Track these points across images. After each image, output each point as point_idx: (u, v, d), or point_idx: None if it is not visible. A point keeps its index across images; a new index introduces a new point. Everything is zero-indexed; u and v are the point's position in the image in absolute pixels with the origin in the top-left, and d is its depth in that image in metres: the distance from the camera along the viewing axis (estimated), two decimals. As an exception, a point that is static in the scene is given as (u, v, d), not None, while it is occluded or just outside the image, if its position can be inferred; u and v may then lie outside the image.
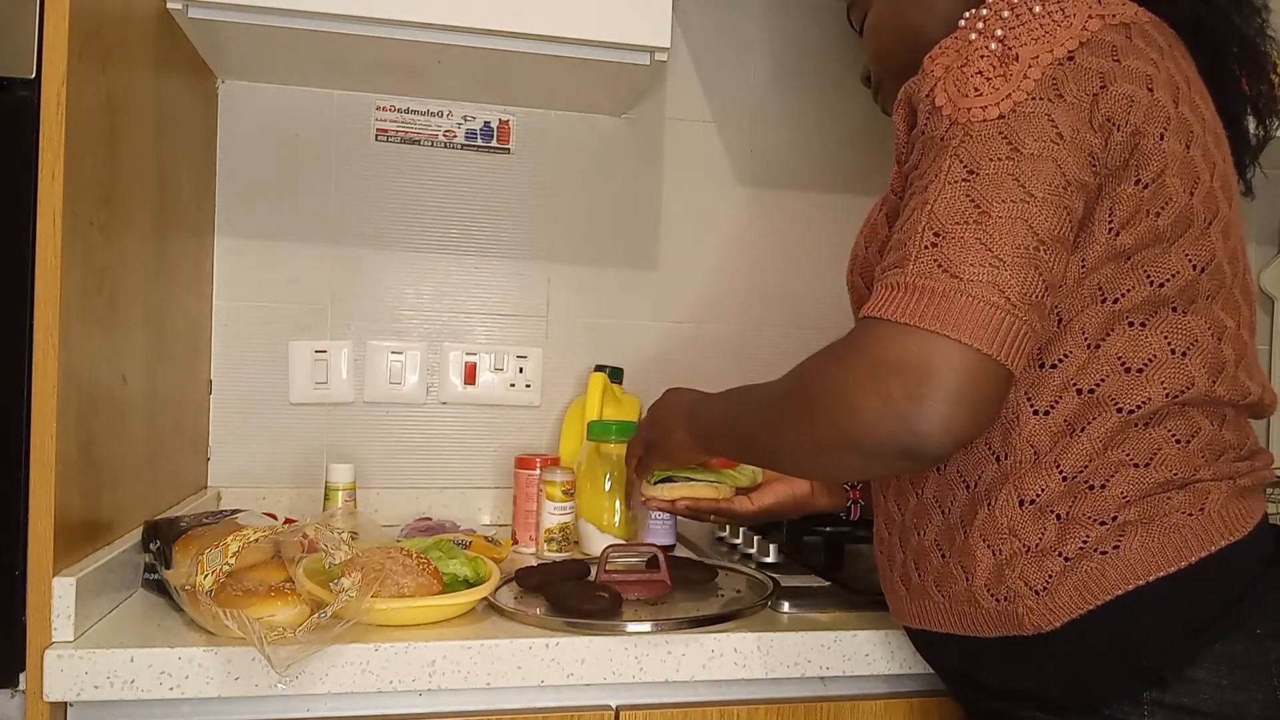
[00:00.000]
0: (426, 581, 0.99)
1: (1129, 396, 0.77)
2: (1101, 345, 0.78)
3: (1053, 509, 0.78)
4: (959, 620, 0.83)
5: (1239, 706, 0.75)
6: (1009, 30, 0.76)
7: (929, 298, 0.70)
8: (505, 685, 0.95)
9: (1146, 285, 0.77)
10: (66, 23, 0.88)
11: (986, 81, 0.74)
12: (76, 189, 0.91)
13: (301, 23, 1.19)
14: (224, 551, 0.95)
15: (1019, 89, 0.73)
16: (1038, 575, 0.77)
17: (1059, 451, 0.78)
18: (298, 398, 1.50)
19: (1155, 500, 0.77)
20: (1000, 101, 0.73)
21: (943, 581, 0.84)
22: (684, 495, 1.13)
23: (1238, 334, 0.81)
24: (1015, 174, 0.71)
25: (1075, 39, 0.74)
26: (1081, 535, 0.76)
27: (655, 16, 1.23)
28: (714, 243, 1.62)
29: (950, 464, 0.84)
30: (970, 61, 0.76)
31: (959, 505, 0.83)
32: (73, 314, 0.92)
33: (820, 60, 1.67)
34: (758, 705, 1.02)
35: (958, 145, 0.74)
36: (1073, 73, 0.73)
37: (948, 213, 0.72)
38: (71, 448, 0.92)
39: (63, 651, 0.88)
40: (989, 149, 0.72)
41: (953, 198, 0.72)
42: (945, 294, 0.70)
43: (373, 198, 1.53)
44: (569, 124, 1.59)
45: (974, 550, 0.80)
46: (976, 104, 0.74)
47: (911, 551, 0.88)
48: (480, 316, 1.57)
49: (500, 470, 1.56)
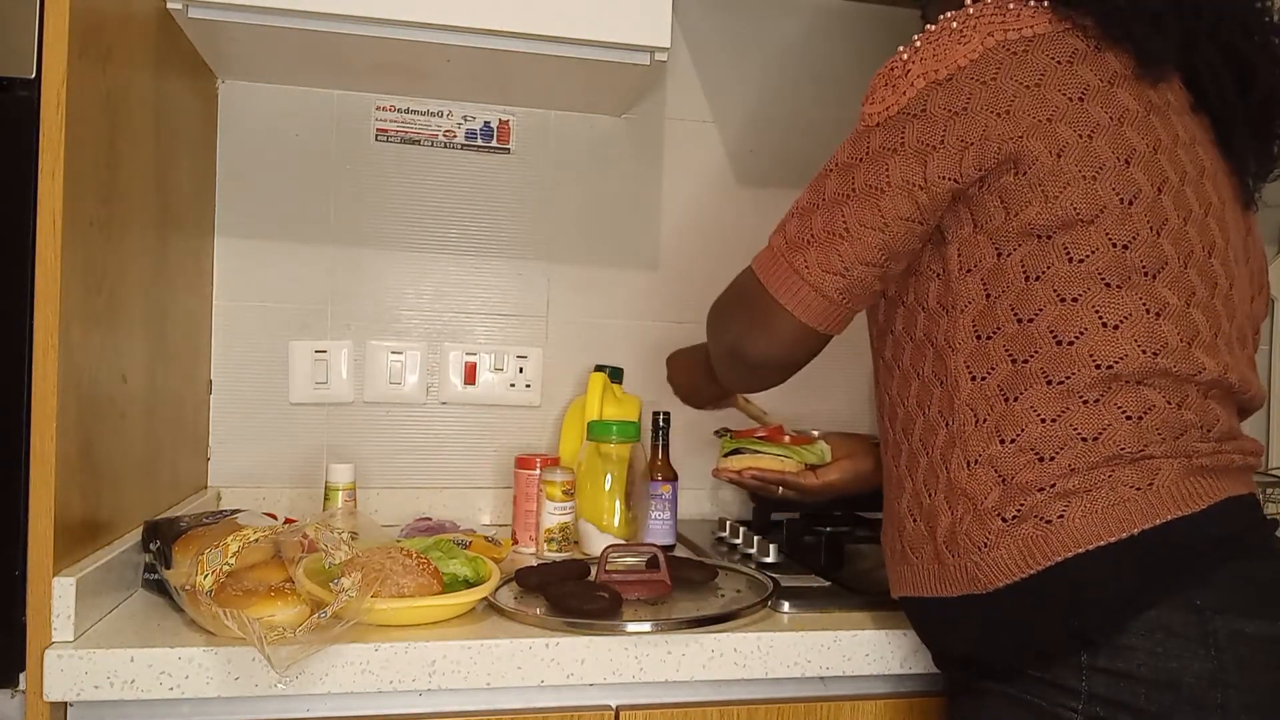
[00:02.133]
0: (426, 581, 0.99)
1: (1057, 368, 0.82)
2: (1034, 320, 0.83)
3: (997, 470, 0.84)
4: (929, 581, 0.89)
5: (1173, 674, 0.77)
6: (925, 44, 0.85)
7: (767, 253, 0.93)
8: (505, 685, 0.95)
9: (1066, 261, 0.82)
10: (66, 23, 0.88)
11: (884, 88, 0.87)
12: (76, 189, 0.91)
13: (301, 23, 1.19)
14: (224, 551, 0.95)
15: (897, 101, 0.85)
16: (980, 533, 0.84)
17: (997, 416, 0.84)
18: (298, 398, 1.50)
19: (1101, 472, 0.81)
20: (882, 110, 0.86)
21: (915, 544, 0.91)
22: (751, 467, 1.17)
23: (1185, 312, 0.83)
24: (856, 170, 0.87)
25: (966, 58, 0.83)
26: (1019, 500, 0.82)
27: (655, 16, 1.23)
28: (714, 243, 1.62)
29: (914, 434, 0.92)
30: (888, 69, 0.87)
31: (922, 471, 0.90)
32: (73, 314, 0.92)
33: (820, 60, 1.67)
34: (758, 705, 1.03)
35: (848, 141, 0.89)
36: (942, 94, 0.83)
37: (810, 194, 0.90)
38: (71, 448, 0.92)
39: (63, 651, 0.88)
40: (856, 147, 0.88)
41: (819, 183, 0.90)
42: (771, 253, 0.93)
43: (373, 198, 1.53)
44: (569, 124, 1.59)
45: (937, 511, 0.88)
46: (870, 110, 0.88)
47: (893, 519, 0.95)
48: (480, 316, 1.57)
49: (500, 470, 1.56)
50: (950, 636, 0.91)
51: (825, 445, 1.19)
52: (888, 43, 1.05)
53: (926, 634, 0.95)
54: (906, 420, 0.93)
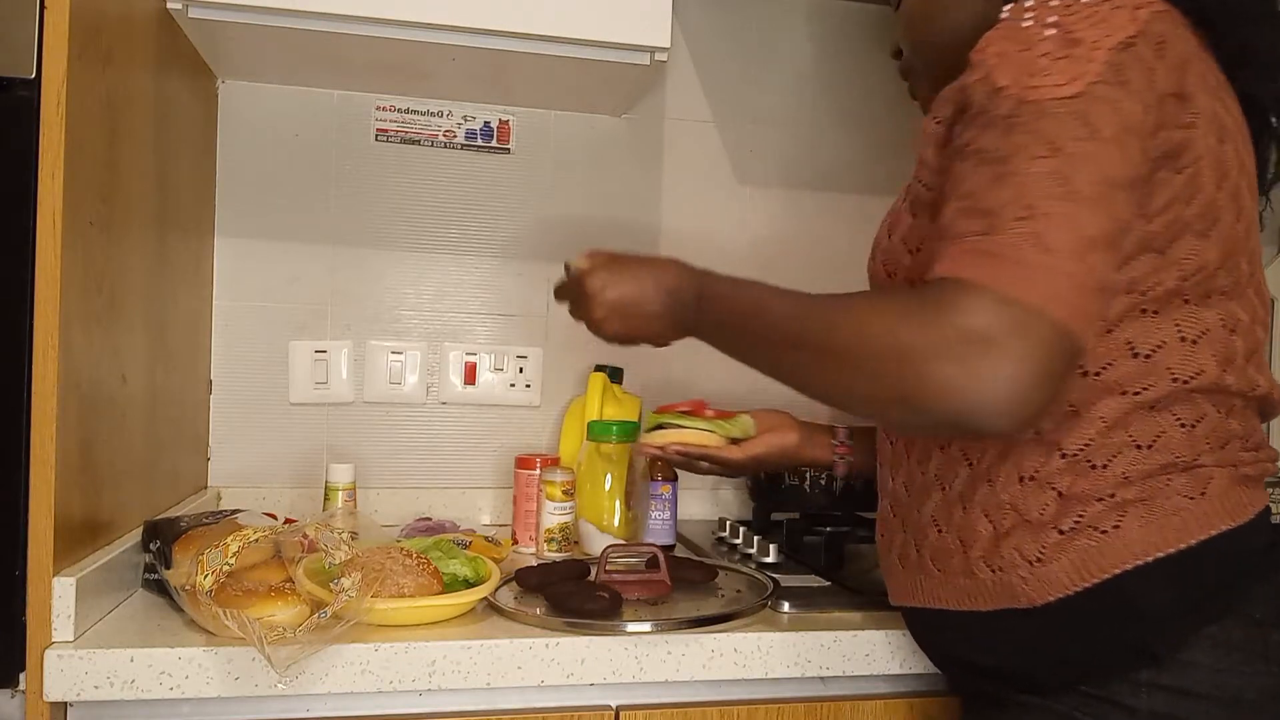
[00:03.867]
0: (426, 581, 0.99)
1: (1135, 381, 0.78)
2: (1112, 331, 0.78)
3: (1052, 484, 0.79)
4: (955, 594, 0.84)
5: (1235, 690, 0.75)
6: (1063, 17, 0.75)
7: (1025, 270, 0.67)
8: (505, 685, 0.95)
9: (1175, 278, 0.77)
10: (66, 23, 0.88)
11: (1054, 63, 0.73)
12: (76, 189, 0.91)
13: (302, 23, 1.19)
14: (224, 551, 0.95)
15: (1087, 70, 0.72)
16: (1032, 547, 0.78)
17: (1062, 432, 0.79)
18: (298, 398, 1.50)
19: (1156, 481, 0.77)
20: (1070, 82, 0.72)
21: (939, 556, 0.86)
22: (676, 441, 1.13)
23: (1250, 328, 0.82)
24: (1095, 157, 0.71)
25: (1132, 26, 0.74)
26: (1078, 510, 0.77)
27: (655, 16, 1.23)
28: (714, 243, 1.62)
29: (952, 442, 0.85)
30: (1031, 46, 0.74)
31: (960, 482, 0.84)
32: (73, 314, 0.92)
33: (820, 60, 1.67)
34: (758, 705, 1.03)
35: (1033, 122, 0.72)
36: (1132, 60, 0.73)
37: (1035, 189, 0.70)
38: (71, 448, 0.92)
39: (63, 651, 0.88)
40: (1067, 129, 0.71)
41: (1039, 174, 0.70)
42: (1042, 269, 0.67)
43: (373, 198, 1.53)
44: (569, 124, 1.59)
45: (974, 524, 0.82)
46: (1047, 82, 0.73)
47: (911, 529, 0.90)
48: (480, 316, 1.57)
49: (500, 470, 1.56)
50: (979, 649, 0.86)
51: (749, 419, 1.17)
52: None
53: (942, 644, 0.92)
54: None
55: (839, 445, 1.19)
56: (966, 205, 0.73)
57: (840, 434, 1.19)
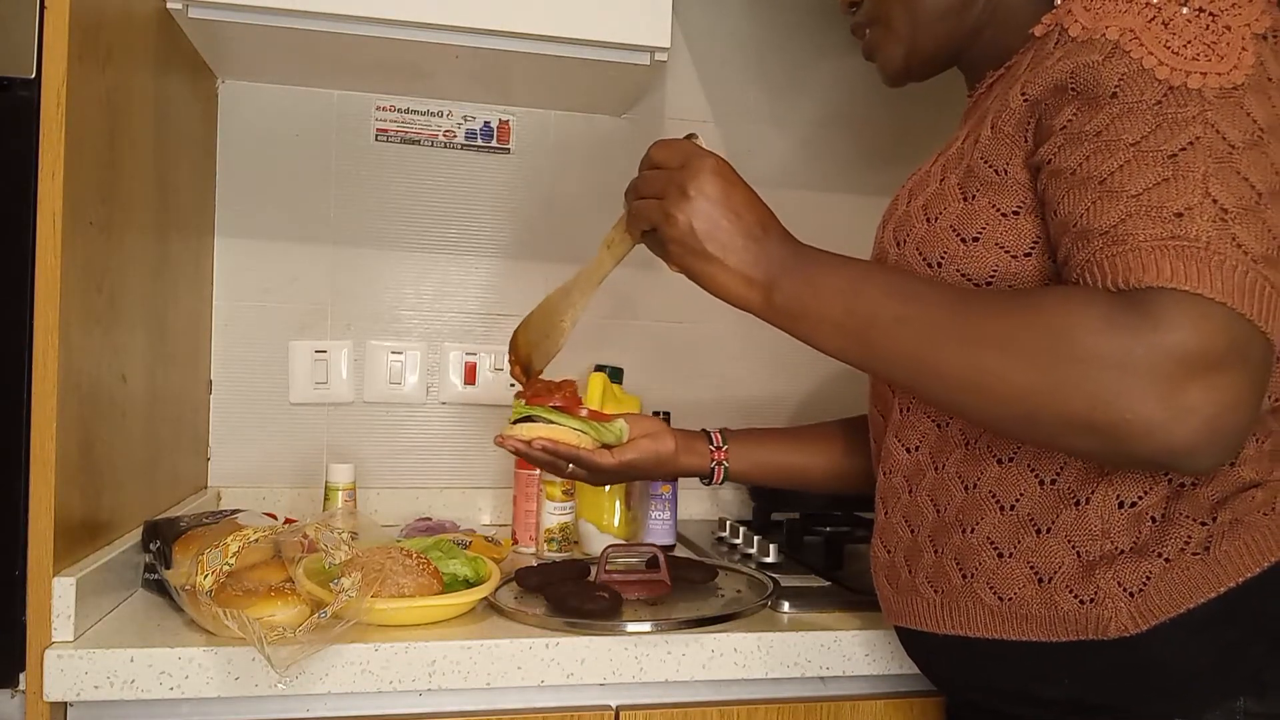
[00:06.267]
0: (426, 581, 0.99)
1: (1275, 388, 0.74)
2: None
3: (1149, 512, 0.74)
4: (1020, 624, 0.77)
5: None
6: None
7: (1235, 281, 0.60)
8: (505, 685, 0.95)
9: None
10: (66, 23, 0.88)
11: (1209, 49, 0.67)
12: (76, 189, 0.91)
13: (301, 23, 1.19)
14: (224, 551, 0.95)
15: (1242, 60, 0.66)
16: (1134, 577, 0.72)
17: None
18: (298, 398, 1.50)
19: (1242, 500, 0.73)
20: (1231, 71, 0.66)
21: (999, 583, 0.78)
22: (543, 437, 1.01)
23: None
24: (1271, 155, 0.66)
25: (1266, 18, 0.69)
26: (1184, 535, 0.72)
27: (655, 16, 1.23)
28: (714, 243, 1.62)
29: (1022, 458, 0.78)
30: (1172, 26, 0.68)
31: (1028, 501, 0.77)
32: (73, 314, 0.92)
33: (820, 60, 1.67)
34: (758, 705, 1.03)
35: (1200, 115, 0.66)
36: (1269, 53, 0.68)
37: (1227, 188, 0.64)
38: (71, 448, 0.92)
39: (63, 651, 0.88)
40: (1240, 122, 0.66)
41: (1228, 174, 0.64)
42: (1257, 281, 0.61)
43: (373, 198, 1.53)
44: (569, 124, 1.59)
45: (1054, 551, 0.76)
46: (1211, 70, 0.66)
47: (952, 551, 0.82)
48: (480, 316, 1.57)
49: (500, 470, 1.56)
50: (1041, 682, 0.78)
51: (624, 424, 1.06)
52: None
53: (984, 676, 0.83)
54: (1001, 442, 0.79)
55: (715, 450, 1.11)
56: (1138, 203, 0.65)
57: (716, 439, 1.11)
